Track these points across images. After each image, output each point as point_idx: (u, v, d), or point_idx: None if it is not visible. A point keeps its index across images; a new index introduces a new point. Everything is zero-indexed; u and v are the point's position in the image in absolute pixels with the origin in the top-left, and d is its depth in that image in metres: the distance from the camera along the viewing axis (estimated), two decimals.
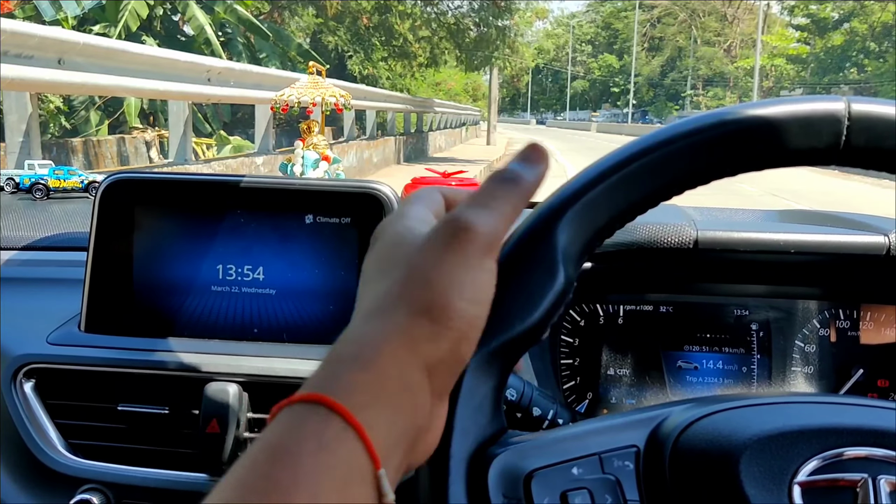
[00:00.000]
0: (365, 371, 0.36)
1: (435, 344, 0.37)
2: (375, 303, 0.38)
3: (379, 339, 0.37)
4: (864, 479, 0.49)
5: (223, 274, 0.85)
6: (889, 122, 0.48)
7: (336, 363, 0.37)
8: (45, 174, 1.35)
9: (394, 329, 0.37)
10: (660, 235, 0.87)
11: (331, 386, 0.35)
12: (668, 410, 0.56)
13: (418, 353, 0.37)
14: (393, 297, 0.38)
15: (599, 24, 76.68)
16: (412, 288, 0.38)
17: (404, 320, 0.37)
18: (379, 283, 0.40)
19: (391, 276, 0.39)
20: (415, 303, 0.38)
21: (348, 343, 0.37)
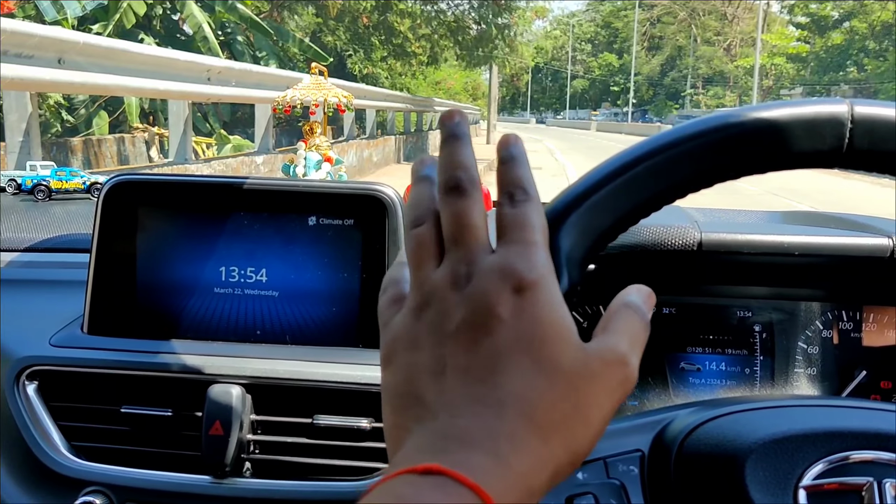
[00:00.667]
0: (516, 480, 0.35)
1: (567, 471, 0.38)
2: (526, 407, 0.37)
3: (527, 454, 0.36)
4: (869, 482, 0.49)
5: (226, 276, 0.85)
6: (892, 125, 0.48)
7: (477, 450, 0.35)
8: (48, 175, 1.35)
9: (542, 453, 0.36)
10: (664, 237, 0.87)
11: (490, 484, 0.34)
12: (672, 414, 0.56)
13: (553, 478, 0.37)
14: (548, 416, 0.37)
15: (599, 22, 76.66)
16: (571, 420, 0.37)
17: (553, 448, 0.37)
18: (530, 377, 0.37)
19: (549, 384, 0.37)
20: (568, 436, 0.37)
21: (501, 438, 0.36)
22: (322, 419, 0.80)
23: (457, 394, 0.37)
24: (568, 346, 0.38)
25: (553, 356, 0.38)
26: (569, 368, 0.38)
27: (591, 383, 0.38)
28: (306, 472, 0.80)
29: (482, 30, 17.62)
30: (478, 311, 0.38)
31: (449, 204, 0.40)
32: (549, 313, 0.38)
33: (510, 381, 0.37)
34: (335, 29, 17.11)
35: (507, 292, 0.38)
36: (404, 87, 20.37)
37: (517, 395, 0.37)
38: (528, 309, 0.38)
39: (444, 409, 0.37)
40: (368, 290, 0.83)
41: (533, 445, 0.36)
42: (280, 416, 0.81)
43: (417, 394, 0.38)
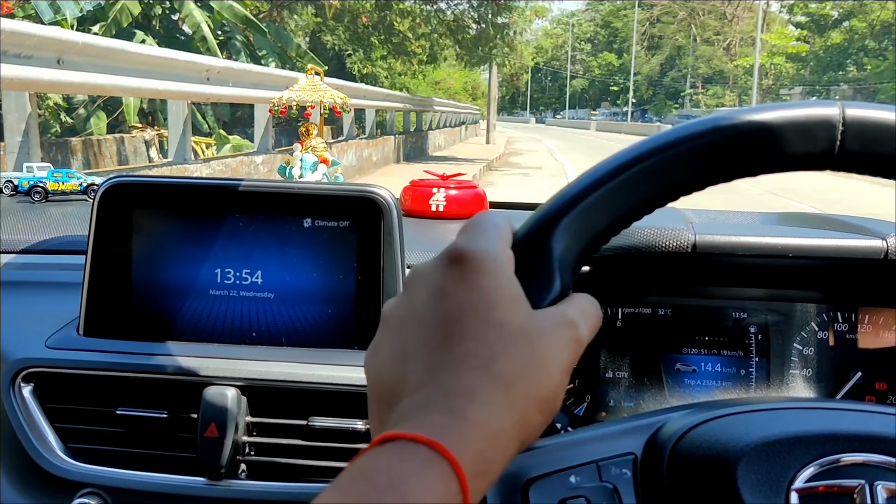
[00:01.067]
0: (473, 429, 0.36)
1: (538, 421, 0.40)
2: (481, 360, 0.39)
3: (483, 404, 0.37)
4: (861, 485, 0.49)
5: (222, 278, 0.85)
6: (884, 127, 0.48)
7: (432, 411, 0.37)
8: (44, 177, 1.35)
9: (503, 399, 0.38)
10: (658, 239, 0.87)
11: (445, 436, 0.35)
12: (665, 417, 0.56)
13: (522, 427, 0.39)
14: (506, 367, 0.39)
15: (599, 22, 76.70)
16: (531, 369, 0.39)
17: (515, 394, 0.38)
18: (482, 335, 0.39)
19: (504, 339, 0.40)
20: (530, 383, 0.39)
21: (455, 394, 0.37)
22: (317, 421, 0.80)
23: (418, 369, 0.39)
24: (517, 308, 0.41)
25: (503, 316, 0.40)
26: (520, 324, 0.40)
27: (543, 337, 0.41)
28: (302, 474, 0.80)
29: (481, 29, 17.62)
30: (424, 291, 0.41)
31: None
32: (494, 281, 0.41)
33: (463, 341, 0.39)
34: (335, 28, 17.11)
35: (446, 266, 0.41)
36: (404, 86, 20.38)
37: (471, 352, 0.39)
38: (470, 277, 0.41)
39: (407, 389, 0.39)
40: (364, 291, 0.83)
41: (492, 395, 0.37)
42: (275, 418, 0.81)
43: (387, 386, 0.41)
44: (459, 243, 0.42)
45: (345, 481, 0.35)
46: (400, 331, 0.42)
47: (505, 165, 16.04)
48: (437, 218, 1.29)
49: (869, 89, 41.31)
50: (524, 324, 0.41)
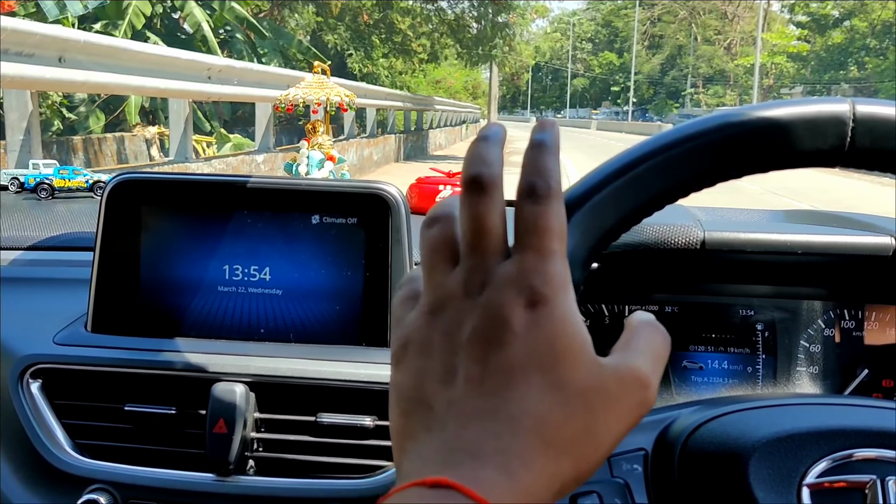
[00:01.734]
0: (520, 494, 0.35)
1: (572, 488, 0.37)
2: (539, 425, 0.36)
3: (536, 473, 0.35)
4: (872, 480, 0.49)
5: (230, 274, 0.85)
6: (893, 124, 0.48)
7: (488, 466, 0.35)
8: (50, 174, 1.35)
9: (551, 471, 0.36)
10: (667, 236, 0.87)
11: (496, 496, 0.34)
12: (675, 413, 0.56)
13: (558, 495, 0.37)
14: (560, 435, 0.36)
15: (599, 21, 76.66)
16: (583, 441, 0.37)
17: (562, 468, 0.36)
18: (543, 395, 0.36)
19: (563, 402, 0.36)
20: (578, 456, 0.37)
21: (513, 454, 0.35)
22: (325, 417, 0.80)
23: (467, 405, 0.36)
24: (583, 364, 0.37)
25: (567, 374, 0.37)
26: (583, 387, 0.37)
27: (607, 404, 0.37)
28: (310, 470, 0.81)
29: (481, 28, 17.62)
30: (491, 323, 0.37)
31: (468, 204, 0.38)
32: (564, 329, 0.37)
33: (522, 397, 0.36)
34: (335, 27, 17.11)
35: (521, 306, 0.37)
36: (404, 85, 20.37)
37: (529, 411, 0.36)
38: (542, 324, 0.37)
39: (454, 420, 0.36)
40: (371, 288, 0.84)
41: (541, 463, 0.35)
42: (284, 414, 0.81)
43: (426, 399, 0.38)
44: (536, 283, 0.37)
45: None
46: (453, 350, 0.38)
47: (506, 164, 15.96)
48: None
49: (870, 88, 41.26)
50: (586, 384, 0.37)
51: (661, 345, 0.40)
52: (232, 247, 0.85)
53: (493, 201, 0.38)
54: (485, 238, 0.38)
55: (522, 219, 0.38)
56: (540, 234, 0.37)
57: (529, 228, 0.38)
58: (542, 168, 0.39)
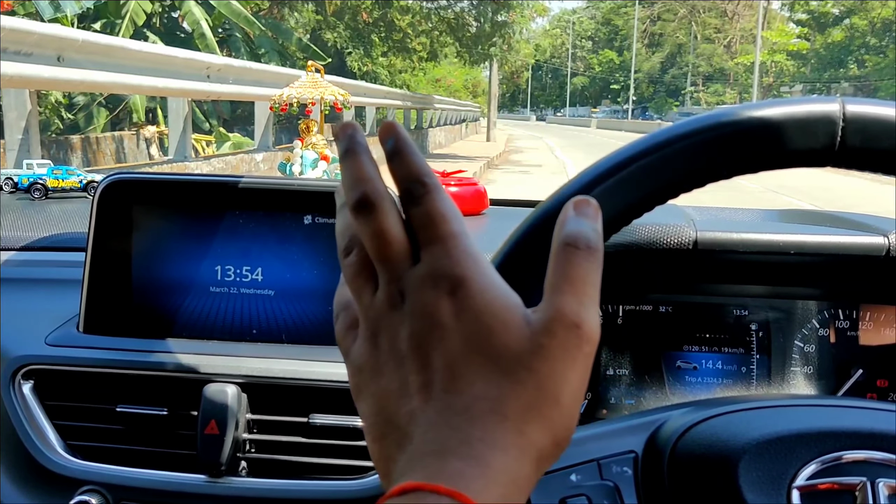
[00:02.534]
0: (495, 475, 0.35)
1: (554, 453, 0.38)
2: (493, 403, 0.36)
3: (503, 450, 0.35)
4: (862, 482, 0.49)
5: (222, 275, 0.85)
6: (884, 123, 0.48)
7: (451, 458, 0.35)
8: (44, 174, 1.35)
9: (520, 443, 0.36)
10: (659, 236, 0.87)
11: (467, 486, 0.34)
12: (665, 415, 0.56)
13: (539, 465, 0.37)
14: (515, 406, 0.36)
15: (599, 20, 76.65)
16: (539, 403, 0.37)
17: (530, 436, 0.36)
18: (487, 373, 0.37)
19: (507, 374, 0.37)
20: (541, 419, 0.37)
21: (475, 440, 0.35)
22: (318, 418, 0.80)
23: (426, 412, 0.37)
24: (513, 329, 0.37)
25: (502, 345, 0.37)
26: (518, 350, 0.37)
27: (547, 360, 0.37)
28: (302, 471, 0.80)
29: (481, 27, 17.61)
30: (421, 326, 0.38)
31: (361, 224, 0.39)
32: (486, 301, 0.38)
33: (470, 383, 0.37)
34: (335, 25, 17.10)
35: (443, 296, 0.38)
36: (404, 84, 20.36)
37: (479, 395, 0.36)
38: (466, 305, 0.37)
39: (417, 429, 0.37)
40: None
41: (509, 439, 0.36)
42: (276, 415, 0.81)
43: (391, 419, 0.38)
44: (444, 266, 0.38)
45: None
46: (401, 364, 0.38)
47: (505, 163, 16.03)
48: None
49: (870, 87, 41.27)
50: (520, 347, 0.37)
51: (582, 268, 0.38)
52: (224, 247, 0.85)
53: (385, 213, 0.39)
54: (389, 249, 0.39)
55: (415, 221, 0.39)
56: (434, 224, 0.38)
57: (423, 225, 0.38)
58: (408, 172, 0.39)
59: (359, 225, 0.39)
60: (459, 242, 0.38)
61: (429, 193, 0.39)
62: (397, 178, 0.39)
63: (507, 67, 22.78)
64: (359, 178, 0.39)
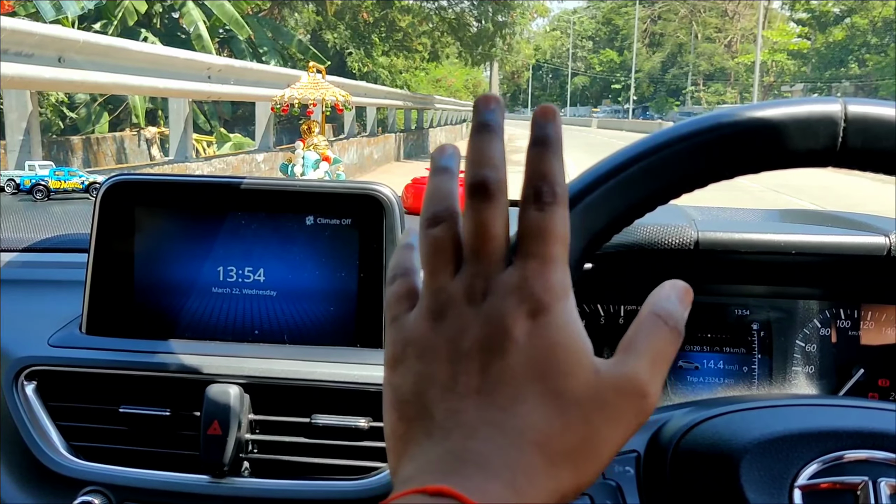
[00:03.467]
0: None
1: (574, 497, 0.37)
2: (542, 438, 0.36)
3: (536, 488, 0.35)
4: (864, 481, 0.49)
5: (224, 275, 0.85)
6: (885, 124, 0.48)
7: (495, 480, 0.34)
8: (46, 175, 1.35)
9: (552, 485, 0.35)
10: (660, 236, 0.87)
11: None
12: (667, 415, 0.56)
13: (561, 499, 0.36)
14: (559, 448, 0.36)
15: (600, 19, 76.61)
16: (582, 453, 0.36)
17: (562, 480, 0.36)
18: (544, 406, 0.36)
19: (563, 413, 0.36)
20: (577, 468, 0.36)
21: (517, 469, 0.35)
22: (320, 418, 0.80)
23: (471, 415, 0.36)
24: (581, 372, 0.37)
25: (567, 385, 0.36)
26: (580, 396, 0.36)
27: (603, 414, 0.36)
28: (304, 472, 0.80)
29: (481, 27, 17.60)
30: (493, 332, 0.37)
31: (473, 209, 0.38)
32: (565, 337, 0.37)
33: (526, 409, 0.36)
34: (335, 25, 17.10)
35: (523, 314, 0.36)
36: (405, 84, 20.36)
37: (533, 425, 0.36)
38: (542, 333, 0.36)
39: (458, 429, 0.36)
40: (366, 289, 0.83)
41: (543, 480, 0.35)
42: (278, 416, 0.81)
43: (427, 405, 0.37)
44: (537, 290, 0.37)
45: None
46: (455, 358, 0.37)
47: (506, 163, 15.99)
48: None
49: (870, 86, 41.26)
50: (583, 394, 0.36)
51: (664, 343, 0.38)
52: (226, 248, 0.85)
53: (499, 207, 0.38)
54: (488, 245, 0.38)
55: (527, 225, 0.37)
56: (544, 241, 0.37)
57: (534, 235, 0.37)
58: (546, 172, 0.38)
59: (469, 206, 0.38)
60: (559, 269, 0.37)
61: (555, 204, 0.37)
62: (533, 171, 0.38)
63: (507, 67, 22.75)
64: (486, 159, 0.38)
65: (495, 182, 0.38)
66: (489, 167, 0.38)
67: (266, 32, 12.50)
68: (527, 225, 0.37)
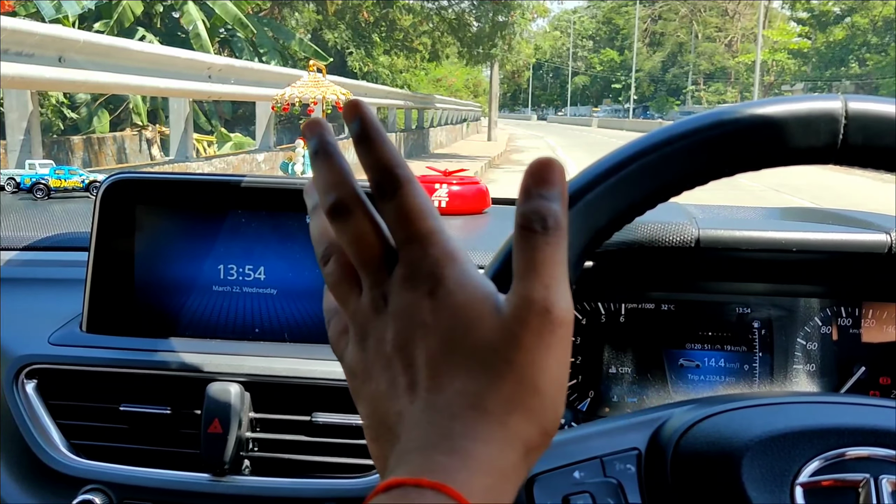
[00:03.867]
0: (479, 466, 0.35)
1: (543, 442, 0.37)
2: (473, 398, 0.36)
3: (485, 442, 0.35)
4: (865, 479, 0.49)
5: (224, 274, 0.85)
6: (886, 121, 0.48)
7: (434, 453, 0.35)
8: (46, 174, 1.35)
9: (503, 434, 0.36)
10: (661, 234, 0.87)
11: (451, 477, 0.33)
12: (668, 412, 0.56)
13: (527, 454, 0.36)
14: (496, 399, 0.36)
15: (600, 19, 76.62)
16: (520, 393, 0.36)
17: (513, 427, 0.36)
18: (467, 369, 0.36)
19: (485, 368, 0.36)
20: (524, 409, 0.36)
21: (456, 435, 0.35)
22: (320, 416, 0.80)
23: (412, 411, 0.37)
24: (487, 321, 0.37)
25: (478, 338, 0.36)
26: (493, 342, 0.36)
27: (521, 350, 0.36)
28: (305, 470, 0.80)
29: (481, 27, 17.61)
30: (404, 326, 0.38)
31: (338, 230, 0.39)
32: (464, 296, 0.37)
33: (451, 379, 0.36)
34: (336, 25, 17.09)
35: (423, 297, 0.37)
36: (405, 83, 20.36)
37: (461, 390, 0.36)
38: (444, 303, 0.37)
39: (405, 429, 0.37)
40: None
41: (491, 431, 0.35)
42: (278, 414, 0.81)
43: (384, 421, 0.38)
44: (420, 266, 0.37)
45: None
46: (388, 366, 0.38)
47: (507, 163, 16.01)
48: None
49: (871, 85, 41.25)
50: (494, 338, 0.36)
51: (541, 252, 0.36)
52: (227, 246, 0.85)
53: (362, 218, 0.38)
54: (369, 254, 0.39)
55: (387, 217, 0.38)
56: (408, 222, 0.38)
57: (398, 221, 0.38)
58: (381, 161, 0.38)
59: (336, 230, 0.39)
60: (436, 240, 0.38)
61: (402, 188, 0.37)
62: (366, 167, 0.38)
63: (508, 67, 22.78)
64: (332, 181, 0.38)
65: (348, 197, 0.38)
66: (336, 187, 0.38)
67: (266, 32, 12.50)
68: (388, 217, 0.38)
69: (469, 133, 26.47)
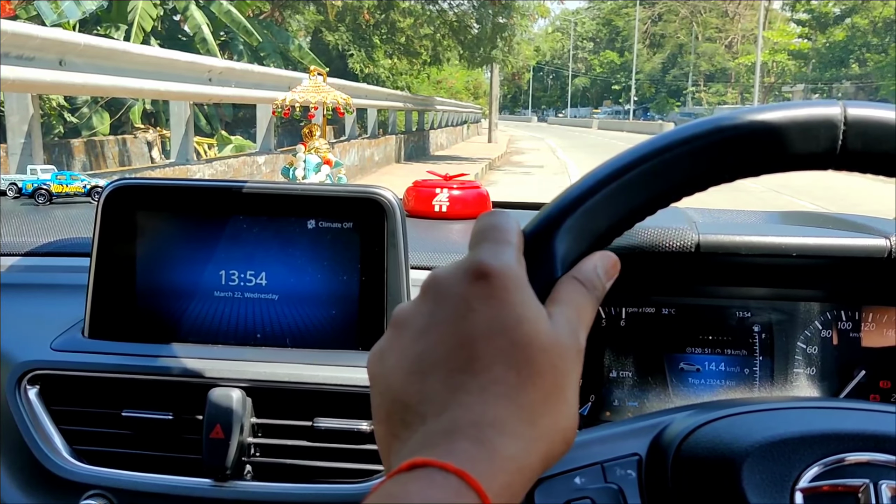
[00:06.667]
0: (503, 462, 0.35)
1: (561, 450, 0.39)
2: (510, 389, 0.37)
3: (513, 437, 0.36)
4: (865, 484, 0.49)
5: (226, 279, 0.85)
6: (885, 126, 0.48)
7: (461, 439, 0.35)
8: (48, 179, 1.35)
9: (531, 435, 0.37)
10: (661, 239, 0.87)
11: (475, 468, 0.34)
12: (669, 418, 0.56)
13: (546, 459, 0.38)
14: (533, 396, 0.38)
15: (600, 20, 76.64)
16: (554, 397, 0.38)
17: (541, 429, 0.37)
18: (508, 358, 0.38)
19: (529, 362, 0.38)
20: (554, 413, 0.38)
21: (485, 424, 0.36)
22: (322, 422, 0.80)
23: (438, 388, 0.37)
24: (542, 325, 0.39)
25: (530, 335, 0.38)
26: (546, 345, 0.38)
27: (564, 359, 0.39)
28: (307, 475, 0.81)
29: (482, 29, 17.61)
30: (447, 304, 0.39)
31: None
32: (519, 296, 0.39)
33: (490, 365, 0.37)
34: (336, 27, 17.10)
35: (472, 282, 0.39)
36: (406, 85, 20.37)
37: (498, 378, 0.37)
38: (497, 294, 0.39)
39: (430, 408, 0.37)
40: (367, 292, 0.84)
41: (519, 429, 0.36)
42: (280, 420, 0.82)
43: (401, 399, 0.38)
44: (485, 258, 0.40)
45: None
46: (416, 341, 0.39)
47: (507, 164, 16.03)
48: (440, 218, 1.30)
49: (871, 86, 41.27)
50: (547, 342, 0.38)
51: (584, 301, 0.43)
52: (228, 252, 0.85)
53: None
54: None
55: (477, 224, 0.44)
56: (493, 229, 0.42)
57: (482, 229, 0.42)
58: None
59: None
60: (510, 249, 0.42)
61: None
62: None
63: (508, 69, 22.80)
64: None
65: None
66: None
67: (267, 35, 12.50)
68: (477, 226, 0.44)
69: (469, 135, 26.48)
